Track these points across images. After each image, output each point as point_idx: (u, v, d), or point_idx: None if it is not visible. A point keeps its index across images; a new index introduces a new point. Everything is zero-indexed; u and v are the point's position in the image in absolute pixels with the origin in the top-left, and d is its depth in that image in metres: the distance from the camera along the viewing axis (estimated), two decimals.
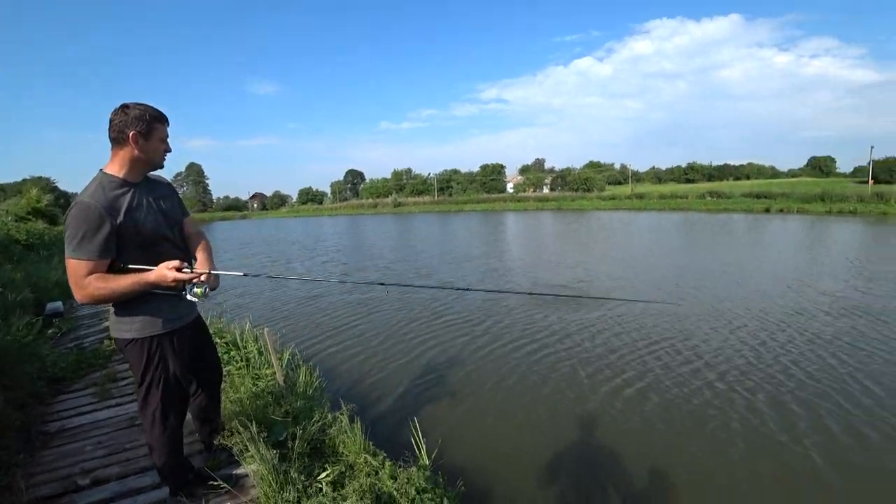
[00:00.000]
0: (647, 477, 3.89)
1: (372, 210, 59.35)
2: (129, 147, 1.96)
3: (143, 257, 2.00)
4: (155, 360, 2.08)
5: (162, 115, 2.07)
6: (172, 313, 2.13)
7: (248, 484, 2.40)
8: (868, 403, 4.88)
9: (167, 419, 2.16)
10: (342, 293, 11.40)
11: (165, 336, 2.10)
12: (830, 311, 8.20)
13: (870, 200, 30.95)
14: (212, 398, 2.65)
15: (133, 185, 2.02)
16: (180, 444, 2.29)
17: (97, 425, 3.33)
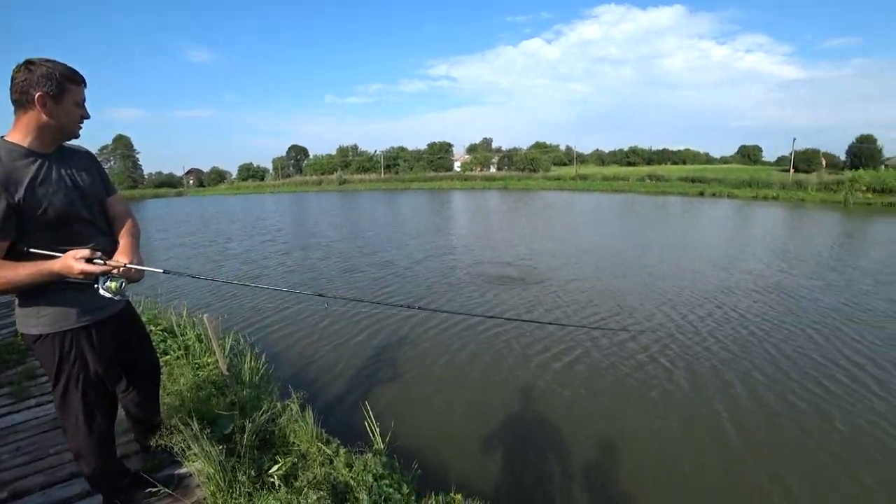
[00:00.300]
0: (581, 442, 4.14)
1: (316, 187, 57.13)
2: (36, 111, 1.66)
3: (52, 240, 1.72)
4: (70, 358, 1.83)
5: (76, 73, 1.76)
6: (90, 304, 1.86)
7: (193, 484, 2.25)
8: (771, 371, 5.45)
9: (92, 422, 1.94)
10: (284, 272, 11.01)
11: (82, 330, 1.84)
12: (755, 288, 8.99)
13: (790, 188, 33.87)
14: (147, 395, 2.43)
15: (42, 155, 1.73)
16: (111, 447, 2.09)
17: (15, 429, 2.98)
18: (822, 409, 4.59)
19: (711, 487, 3.60)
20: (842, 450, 3.98)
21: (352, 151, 72.52)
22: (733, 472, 3.76)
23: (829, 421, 4.40)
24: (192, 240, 17.49)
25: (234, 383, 3.62)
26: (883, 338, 6.33)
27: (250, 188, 60.59)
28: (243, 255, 13.62)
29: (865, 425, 4.31)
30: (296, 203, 36.33)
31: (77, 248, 1.72)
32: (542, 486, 3.63)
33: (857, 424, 4.33)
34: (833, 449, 4.00)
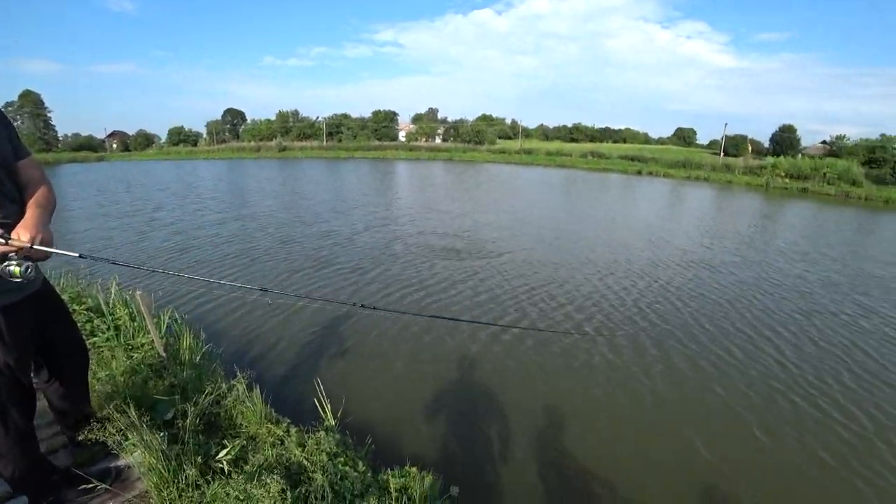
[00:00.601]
0: (521, 408, 4.36)
1: (254, 154, 53.76)
2: None
3: None
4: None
5: None
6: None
7: (133, 477, 2.10)
8: (702, 339, 5.98)
9: (6, 418, 1.74)
10: (220, 243, 10.43)
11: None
12: (680, 263, 9.70)
13: (720, 170, 36.49)
14: (74, 383, 2.21)
15: None
16: (32, 444, 1.90)
17: None
18: (728, 374, 5.12)
19: (628, 445, 3.93)
20: (742, 409, 4.48)
21: (293, 117, 68.54)
22: (647, 431, 4.15)
23: (734, 384, 4.92)
24: (116, 209, 16.01)
25: (173, 364, 3.40)
26: (786, 310, 7.10)
27: (182, 154, 55.90)
28: (174, 226, 12.67)
29: (764, 388, 4.87)
30: (232, 170, 34.15)
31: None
32: (489, 452, 3.79)
33: (757, 387, 4.88)
34: (736, 409, 4.49)
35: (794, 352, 5.69)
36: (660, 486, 3.48)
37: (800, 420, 4.34)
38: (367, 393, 4.57)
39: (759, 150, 54.00)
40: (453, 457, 3.73)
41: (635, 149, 54.57)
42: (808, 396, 4.72)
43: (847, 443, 4.02)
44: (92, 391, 2.68)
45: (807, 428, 4.21)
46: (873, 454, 3.89)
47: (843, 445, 3.98)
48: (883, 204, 25.81)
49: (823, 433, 4.14)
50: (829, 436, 4.11)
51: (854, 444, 4.00)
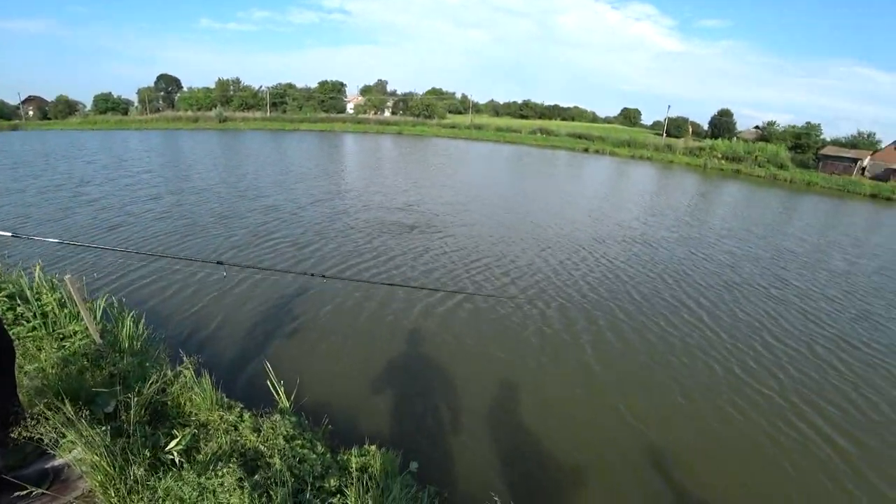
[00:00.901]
0: (473, 379, 4.53)
1: (192, 125, 50.06)
2: None
3: None
4: None
5: None
6: None
7: (74, 476, 1.95)
8: (631, 309, 6.41)
9: None
10: (153, 219, 9.78)
11: None
12: (618, 238, 10.22)
13: (662, 150, 38.36)
14: (1, 380, 2.02)
15: None
16: None
17: None
18: (652, 342, 5.56)
19: (577, 410, 4.20)
20: (663, 374, 4.90)
21: (233, 85, 64.03)
22: (589, 391, 4.46)
23: (657, 351, 5.36)
24: (36, 184, 14.50)
25: (112, 353, 3.19)
26: (713, 283, 7.72)
27: (111, 123, 50.94)
28: (102, 201, 11.67)
29: (685, 354, 5.33)
30: (168, 142, 31.76)
31: None
32: (443, 423, 3.91)
33: (678, 353, 5.34)
34: (657, 373, 4.91)
35: (714, 321, 6.24)
36: (590, 446, 3.75)
37: (714, 382, 4.80)
38: (321, 372, 4.53)
39: (699, 132, 57.04)
40: (410, 431, 3.81)
41: (583, 127, 55.95)
42: (724, 361, 5.21)
43: (754, 402, 4.50)
44: (19, 387, 2.48)
45: (720, 389, 4.67)
46: (775, 412, 4.38)
47: (750, 405, 4.46)
48: (805, 186, 28.30)
49: (734, 394, 4.62)
50: (739, 396, 4.58)
51: (760, 403, 4.48)
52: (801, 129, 42.71)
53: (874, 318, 6.86)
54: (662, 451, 3.76)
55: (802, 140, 41.40)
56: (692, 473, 3.56)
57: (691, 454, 3.75)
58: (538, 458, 3.58)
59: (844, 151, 36.59)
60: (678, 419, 4.19)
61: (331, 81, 65.27)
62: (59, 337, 3.25)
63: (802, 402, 4.57)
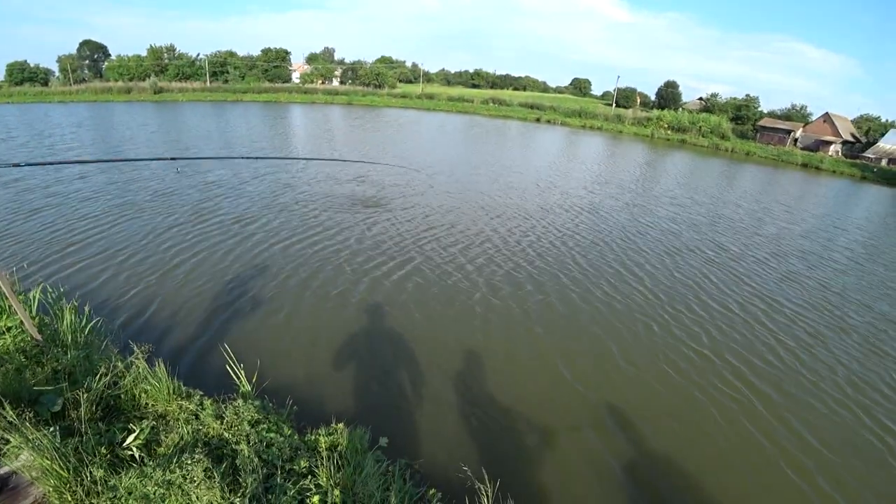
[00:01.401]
0: (432, 351, 4.63)
1: (124, 97, 45.68)
2: None
3: None
4: None
5: None
6: None
7: (23, 483, 1.84)
8: (578, 276, 6.70)
9: None
10: (80, 201, 8.96)
11: None
12: (565, 206, 10.57)
13: (612, 120, 39.27)
14: None
15: None
16: None
17: None
18: (596, 307, 5.87)
19: (529, 377, 4.40)
20: (606, 336, 5.21)
21: (168, 53, 58.86)
22: (537, 358, 4.68)
23: (601, 315, 5.67)
24: None
25: (53, 348, 3.00)
26: (655, 249, 8.19)
27: (28, 96, 45.54)
28: (21, 183, 10.59)
29: (627, 317, 5.68)
30: (97, 115, 29.04)
31: None
32: (407, 397, 3.98)
33: (620, 317, 5.68)
34: (600, 336, 5.21)
35: (654, 284, 6.66)
36: (546, 411, 3.95)
37: (653, 343, 5.16)
38: (281, 352, 4.45)
39: (647, 102, 58.78)
40: (376, 406, 3.85)
41: (535, 97, 56.27)
42: (663, 323, 5.59)
43: (689, 360, 4.89)
44: None
45: (658, 349, 5.03)
46: (709, 369, 4.78)
47: (686, 362, 4.84)
48: (745, 156, 30.07)
49: (671, 353, 4.98)
50: (676, 355, 4.95)
51: (695, 361, 4.87)
52: (741, 101, 44.99)
53: (798, 277, 7.52)
54: (603, 411, 4.01)
55: (742, 112, 43.71)
56: (637, 431, 3.84)
57: (632, 413, 4.03)
58: (499, 424, 3.74)
59: (780, 123, 39.09)
60: (618, 379, 4.49)
61: (275, 49, 61.43)
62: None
63: (734, 357, 4.99)
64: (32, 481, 1.81)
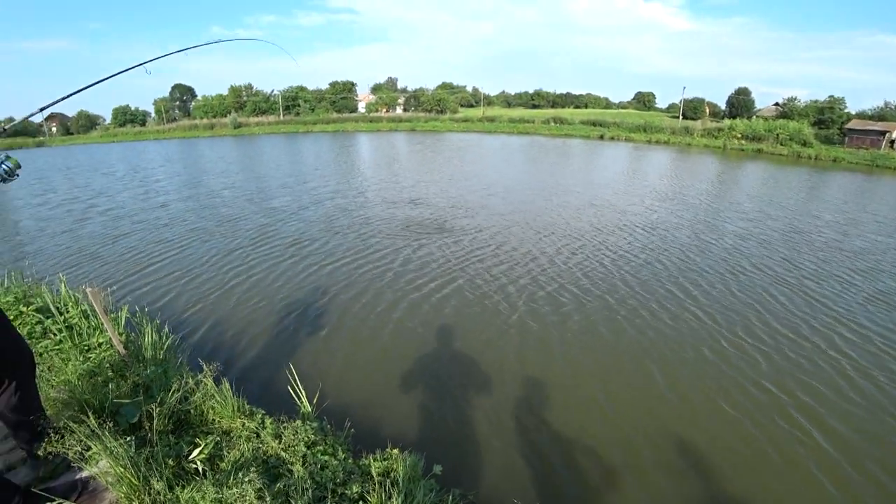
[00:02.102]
0: (496, 379, 4.42)
1: (208, 132, 50.93)
2: None
3: None
4: None
5: None
6: None
7: (100, 488, 1.99)
8: (632, 303, 6.19)
9: None
10: (157, 227, 9.97)
11: None
12: (619, 225, 10.02)
13: (679, 133, 37.41)
14: (24, 392, 2.06)
15: None
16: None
17: None
18: (645, 332, 5.38)
19: (581, 400, 4.08)
20: (650, 362, 4.75)
21: (246, 91, 65.00)
22: (602, 388, 4.31)
23: (650, 340, 5.19)
24: (54, 198, 14.93)
25: (135, 363, 3.25)
26: (719, 269, 7.46)
27: (130, 135, 52.25)
28: (114, 211, 11.97)
29: (693, 341, 5.16)
30: (184, 150, 32.39)
31: None
32: (467, 425, 3.85)
33: (671, 342, 5.17)
34: (645, 362, 4.74)
35: (711, 305, 6.06)
36: (613, 443, 3.63)
37: (706, 373, 4.60)
38: (343, 374, 4.53)
39: (717, 112, 55.53)
40: (434, 433, 3.77)
41: (597, 114, 55.05)
42: (718, 349, 5.02)
43: (747, 393, 4.29)
44: (47, 399, 2.54)
45: (711, 380, 4.47)
46: (770, 402, 4.15)
47: (744, 396, 4.25)
48: (831, 163, 27.29)
49: (727, 384, 4.40)
50: (733, 386, 4.37)
51: (754, 394, 4.27)
52: (823, 104, 41.06)
53: (891, 297, 6.54)
54: (695, 451, 3.64)
55: (826, 115, 39.82)
56: (684, 472, 3.42)
57: (678, 445, 3.62)
58: (560, 457, 3.52)
59: (871, 124, 35.08)
60: (663, 410, 4.06)
61: (342, 82, 65.77)
62: (85, 349, 3.32)
63: (801, 390, 4.34)
64: (108, 486, 1.94)
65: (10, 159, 1.75)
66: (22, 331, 3.50)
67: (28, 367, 2.11)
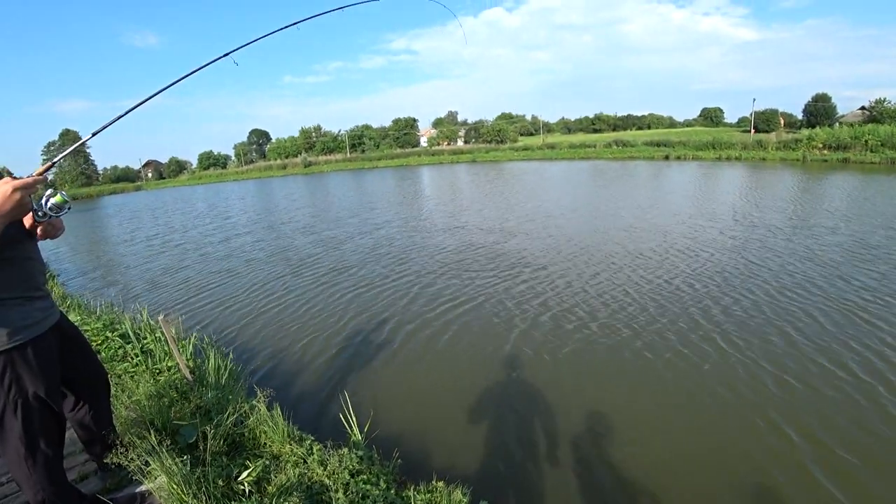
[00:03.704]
0: (557, 415, 4.13)
1: (282, 172, 55.28)
2: None
3: None
4: (5, 383, 1.68)
5: None
6: (21, 320, 1.71)
7: (156, 502, 2.11)
8: (707, 327, 5.61)
9: (36, 449, 1.79)
10: (238, 260, 10.70)
11: (15, 351, 1.69)
12: (698, 248, 9.24)
13: (752, 148, 34.86)
14: (98, 410, 2.26)
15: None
16: (60, 472, 1.94)
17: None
18: (728, 366, 4.79)
19: (671, 448, 3.70)
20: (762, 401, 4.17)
21: (315, 132, 70.17)
22: (691, 432, 3.90)
23: (738, 375, 4.60)
24: (139, 234, 16.84)
25: (199, 386, 3.46)
26: (810, 303, 6.61)
27: (213, 177, 58.09)
28: (183, 245, 13.25)
29: (778, 380, 4.52)
30: (259, 189, 35.21)
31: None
32: (520, 461, 3.64)
33: (770, 379, 4.53)
34: (747, 398, 4.19)
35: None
36: (684, 489, 3.27)
37: (822, 412, 4.01)
38: (395, 404, 4.50)
39: (792, 122, 51.63)
40: (484, 468, 3.61)
41: (660, 133, 53.14)
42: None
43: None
44: (118, 417, 2.74)
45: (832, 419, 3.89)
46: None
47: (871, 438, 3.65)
48: None
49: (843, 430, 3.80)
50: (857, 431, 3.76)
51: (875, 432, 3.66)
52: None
53: None
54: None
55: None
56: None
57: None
58: (620, 499, 3.23)
59: None
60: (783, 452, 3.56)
61: (404, 118, 69.25)
62: (156, 372, 3.59)
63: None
64: (162, 502, 2.05)
65: (57, 196, 1.71)
66: (106, 354, 3.87)
67: (103, 388, 2.31)
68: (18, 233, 1.74)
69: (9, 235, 1.63)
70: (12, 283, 1.72)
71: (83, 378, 2.17)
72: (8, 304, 1.68)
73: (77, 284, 9.54)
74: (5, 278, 1.69)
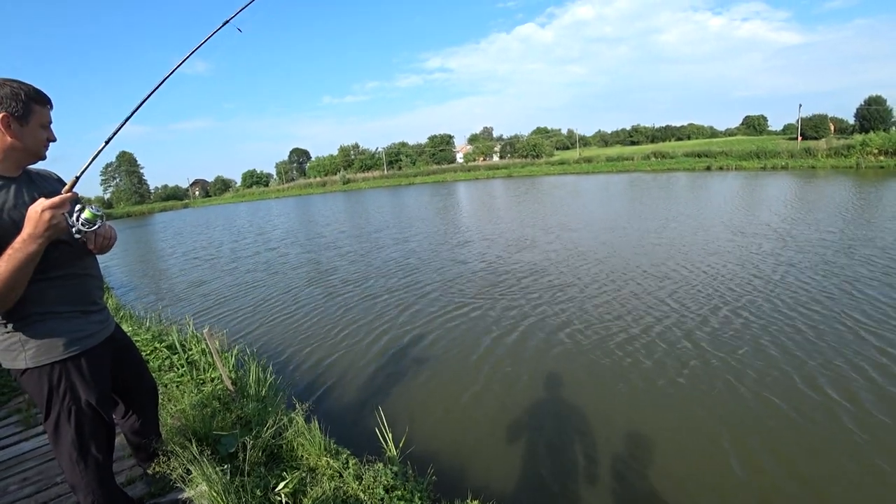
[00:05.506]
0: (599, 432, 3.96)
1: (321, 189, 57.22)
2: (0, 133, 1.60)
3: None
4: (60, 391, 1.77)
5: (43, 95, 1.72)
6: (77, 332, 1.80)
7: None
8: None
9: (87, 454, 1.87)
10: (274, 277, 10.98)
11: (70, 361, 1.78)
12: (745, 261, 8.74)
13: (799, 156, 33.17)
14: (146, 418, 2.36)
15: (9, 179, 1.67)
16: (109, 477, 2.02)
17: (22, 459, 2.93)
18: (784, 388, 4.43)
19: (686, 463, 3.46)
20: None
21: (353, 150, 72.35)
22: (746, 462, 3.63)
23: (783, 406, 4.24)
24: (180, 248, 17.76)
25: (241, 398, 3.54)
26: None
27: (255, 195, 60.89)
28: (214, 260, 13.89)
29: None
30: (299, 206, 36.45)
31: (56, 272, 1.71)
32: (561, 482, 3.51)
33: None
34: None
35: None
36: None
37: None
38: (433, 421, 4.44)
39: (843, 128, 48.82)
40: (519, 490, 3.50)
41: (701, 144, 51.46)
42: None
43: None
44: (164, 425, 2.84)
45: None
46: None
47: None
48: None
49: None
50: None
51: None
52: None
53: None
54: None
55: None
56: None
57: None
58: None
59: None
60: None
61: (440, 135, 70.44)
62: (200, 382, 3.71)
63: None
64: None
65: (86, 211, 1.66)
66: (154, 364, 4.05)
67: (151, 397, 2.41)
68: (73, 250, 1.80)
69: (63, 253, 1.74)
70: (70, 298, 1.81)
71: (134, 388, 2.27)
72: (65, 315, 1.77)
73: (130, 297, 10.11)
74: (63, 294, 1.78)
